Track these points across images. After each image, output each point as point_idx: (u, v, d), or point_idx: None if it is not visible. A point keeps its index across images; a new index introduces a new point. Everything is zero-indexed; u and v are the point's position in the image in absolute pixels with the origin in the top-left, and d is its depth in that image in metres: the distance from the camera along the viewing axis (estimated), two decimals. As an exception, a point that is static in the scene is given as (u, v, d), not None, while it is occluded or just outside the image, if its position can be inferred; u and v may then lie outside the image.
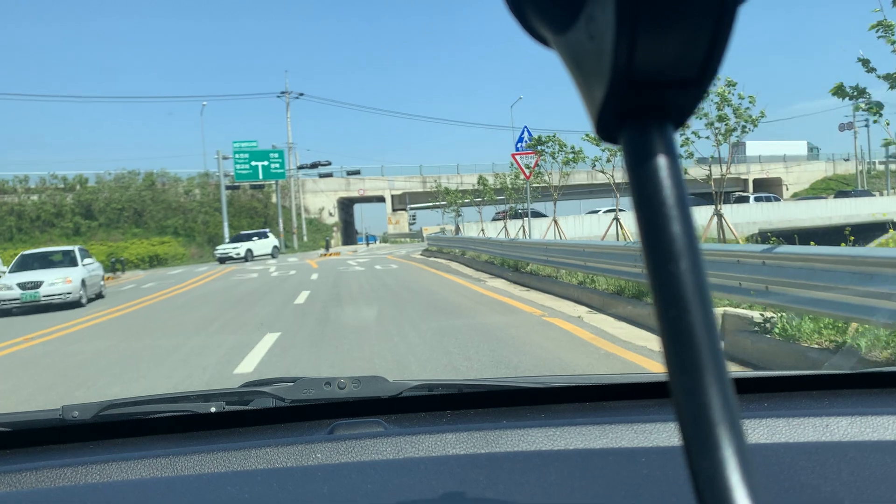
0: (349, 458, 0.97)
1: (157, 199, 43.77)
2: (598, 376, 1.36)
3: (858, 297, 4.41)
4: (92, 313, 12.36)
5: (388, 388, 1.24)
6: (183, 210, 44.08)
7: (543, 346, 6.31)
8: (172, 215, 43.62)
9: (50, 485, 0.93)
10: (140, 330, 9.57)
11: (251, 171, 41.13)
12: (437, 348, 6.33)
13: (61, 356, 7.59)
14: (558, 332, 7.15)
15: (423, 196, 54.69)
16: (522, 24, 0.32)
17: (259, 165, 41.00)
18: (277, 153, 41.89)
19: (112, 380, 5.96)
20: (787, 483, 0.80)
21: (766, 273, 5.47)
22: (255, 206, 46.98)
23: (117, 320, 11.16)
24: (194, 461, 0.97)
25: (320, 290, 13.66)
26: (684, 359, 0.27)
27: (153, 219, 43.01)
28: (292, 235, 44.09)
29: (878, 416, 0.97)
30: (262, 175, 41.42)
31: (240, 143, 41.12)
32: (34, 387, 5.94)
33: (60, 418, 1.15)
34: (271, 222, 44.54)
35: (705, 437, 0.26)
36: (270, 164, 41.21)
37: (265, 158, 41.33)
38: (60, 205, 41.58)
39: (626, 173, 0.30)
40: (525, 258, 13.71)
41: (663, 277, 0.28)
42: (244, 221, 45.07)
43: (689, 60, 0.28)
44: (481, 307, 9.68)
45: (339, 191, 51.77)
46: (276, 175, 42.13)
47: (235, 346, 7.12)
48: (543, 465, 0.90)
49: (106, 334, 9.33)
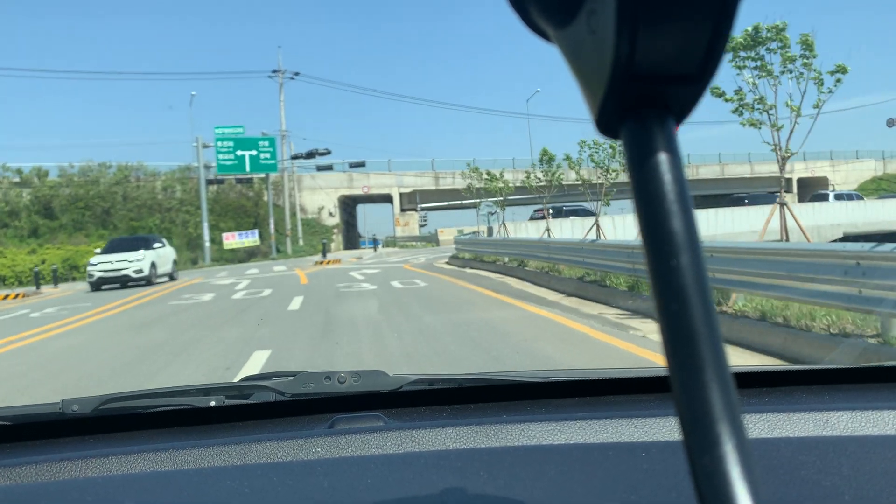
0: (349, 452, 0.97)
1: (129, 197, 37.71)
2: (598, 371, 1.36)
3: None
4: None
5: (389, 382, 1.24)
6: (160, 209, 38.01)
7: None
8: (147, 215, 37.59)
9: (50, 478, 0.92)
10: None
11: (236, 161, 34.43)
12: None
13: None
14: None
15: (436, 195, 48.67)
16: (523, 19, 0.32)
17: (246, 155, 34.40)
18: (268, 141, 35.36)
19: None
20: (787, 477, 0.80)
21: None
22: (243, 205, 40.83)
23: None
24: (194, 455, 0.97)
25: (295, 343, 7.41)
26: (685, 354, 0.27)
27: (124, 219, 36.97)
28: (285, 238, 37.88)
29: (878, 411, 0.96)
30: (249, 167, 34.79)
31: (223, 129, 34.51)
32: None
33: (60, 412, 1.15)
34: (263, 223, 38.45)
35: (706, 431, 0.26)
36: (259, 154, 34.60)
37: (253, 147, 34.73)
38: (15, 202, 35.59)
39: (626, 168, 0.30)
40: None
41: (664, 272, 0.28)
42: (230, 223, 38.97)
43: (690, 55, 0.28)
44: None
45: (341, 188, 45.69)
46: (266, 167, 35.53)
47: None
48: (544, 459, 0.90)
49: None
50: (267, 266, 26.41)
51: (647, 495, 0.77)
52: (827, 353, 5.19)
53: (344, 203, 48.06)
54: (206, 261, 33.66)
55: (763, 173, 51.97)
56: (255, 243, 35.68)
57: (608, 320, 8.02)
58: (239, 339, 7.86)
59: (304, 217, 43.52)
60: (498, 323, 8.07)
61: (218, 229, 37.41)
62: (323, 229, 43.14)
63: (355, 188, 45.54)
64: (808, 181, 50.21)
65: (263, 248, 36.82)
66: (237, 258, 35.71)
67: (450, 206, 49.72)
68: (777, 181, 9.38)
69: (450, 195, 49.13)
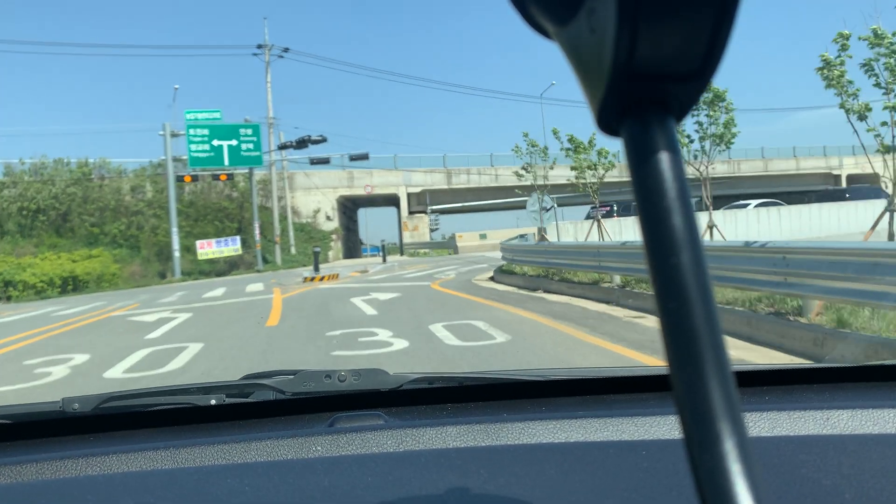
0: (349, 450, 0.96)
1: (89, 198, 31.78)
2: (599, 369, 1.35)
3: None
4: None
5: (389, 380, 1.24)
6: (127, 212, 32.05)
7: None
8: (112, 219, 31.66)
9: (50, 477, 0.92)
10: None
11: (212, 153, 28.13)
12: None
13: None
14: None
15: (448, 195, 42.71)
16: (524, 16, 0.32)
17: (224, 146, 28.07)
18: (251, 129, 28.96)
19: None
20: (787, 476, 0.80)
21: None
22: (225, 207, 34.79)
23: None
24: (194, 453, 0.96)
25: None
26: (685, 352, 0.27)
27: (83, 225, 31.02)
28: (274, 246, 31.80)
29: (879, 410, 0.96)
30: (227, 159, 28.32)
31: (195, 114, 28.13)
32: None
33: (61, 410, 1.15)
34: (247, 228, 32.45)
35: (706, 430, 0.26)
36: (241, 145, 28.36)
37: (233, 136, 28.38)
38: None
39: (627, 166, 0.30)
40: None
41: (664, 270, 0.28)
42: (209, 228, 32.97)
43: (690, 53, 0.28)
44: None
45: (340, 187, 39.77)
46: (249, 160, 29.10)
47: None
48: (544, 457, 0.90)
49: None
50: (242, 283, 20.27)
51: (647, 493, 0.78)
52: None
53: (343, 205, 42.19)
54: (175, 274, 27.66)
55: (809, 169, 47.14)
56: (236, 252, 29.67)
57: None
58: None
59: (297, 221, 37.64)
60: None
61: (194, 236, 31.46)
62: (319, 235, 37.25)
63: (356, 188, 39.63)
64: (857, 178, 45.62)
65: (248, 258, 30.83)
66: (215, 270, 29.78)
67: (464, 208, 43.68)
68: (824, 177, 10.07)
69: (464, 195, 42.96)
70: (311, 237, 36.35)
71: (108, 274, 26.90)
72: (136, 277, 28.33)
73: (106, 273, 26.90)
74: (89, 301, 18.23)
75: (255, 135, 28.63)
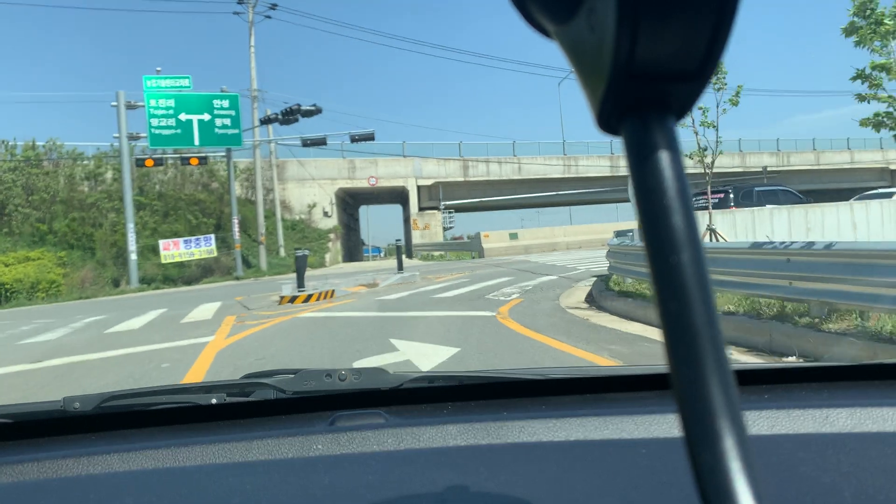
0: (350, 449, 0.96)
1: (33, 187, 26.00)
2: (599, 368, 1.25)
3: None
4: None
5: (389, 379, 1.24)
6: (81, 205, 26.29)
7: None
8: (62, 214, 25.89)
9: (52, 476, 0.92)
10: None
11: (178, 130, 21.73)
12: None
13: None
14: None
15: (464, 189, 36.91)
16: (523, 15, 0.32)
17: (194, 120, 21.70)
18: (228, 99, 22.38)
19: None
20: (787, 474, 0.80)
21: None
22: (201, 200, 29.01)
23: None
24: (195, 452, 0.96)
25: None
26: (685, 350, 0.27)
27: (26, 220, 25.23)
28: (259, 247, 26.01)
29: (877, 408, 0.96)
30: (198, 138, 21.85)
31: (156, 81, 21.88)
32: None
33: (62, 409, 1.15)
34: (227, 224, 26.73)
35: (706, 428, 0.26)
36: (215, 120, 21.92)
37: (205, 109, 21.95)
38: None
39: (627, 165, 0.30)
40: None
41: (664, 269, 0.28)
42: (181, 225, 27.23)
43: (690, 53, 0.28)
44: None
45: (339, 179, 34.07)
46: (225, 139, 22.44)
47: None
48: (544, 456, 0.89)
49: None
50: (192, 301, 13.92)
51: (647, 492, 0.78)
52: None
53: (343, 200, 36.42)
54: (131, 282, 21.94)
55: (865, 163, 42.11)
56: (209, 254, 23.87)
57: None
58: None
59: (289, 218, 31.95)
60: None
61: (161, 234, 25.73)
62: (315, 234, 31.53)
63: (359, 179, 33.93)
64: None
65: (227, 261, 25.11)
66: (184, 277, 24.09)
67: (484, 203, 37.89)
68: (881, 172, 8.35)
69: (482, 189, 37.03)
70: (304, 236, 30.65)
71: (44, 282, 21.15)
72: (85, 285, 22.56)
73: (43, 280, 21.15)
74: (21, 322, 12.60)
75: (233, 107, 22.37)
